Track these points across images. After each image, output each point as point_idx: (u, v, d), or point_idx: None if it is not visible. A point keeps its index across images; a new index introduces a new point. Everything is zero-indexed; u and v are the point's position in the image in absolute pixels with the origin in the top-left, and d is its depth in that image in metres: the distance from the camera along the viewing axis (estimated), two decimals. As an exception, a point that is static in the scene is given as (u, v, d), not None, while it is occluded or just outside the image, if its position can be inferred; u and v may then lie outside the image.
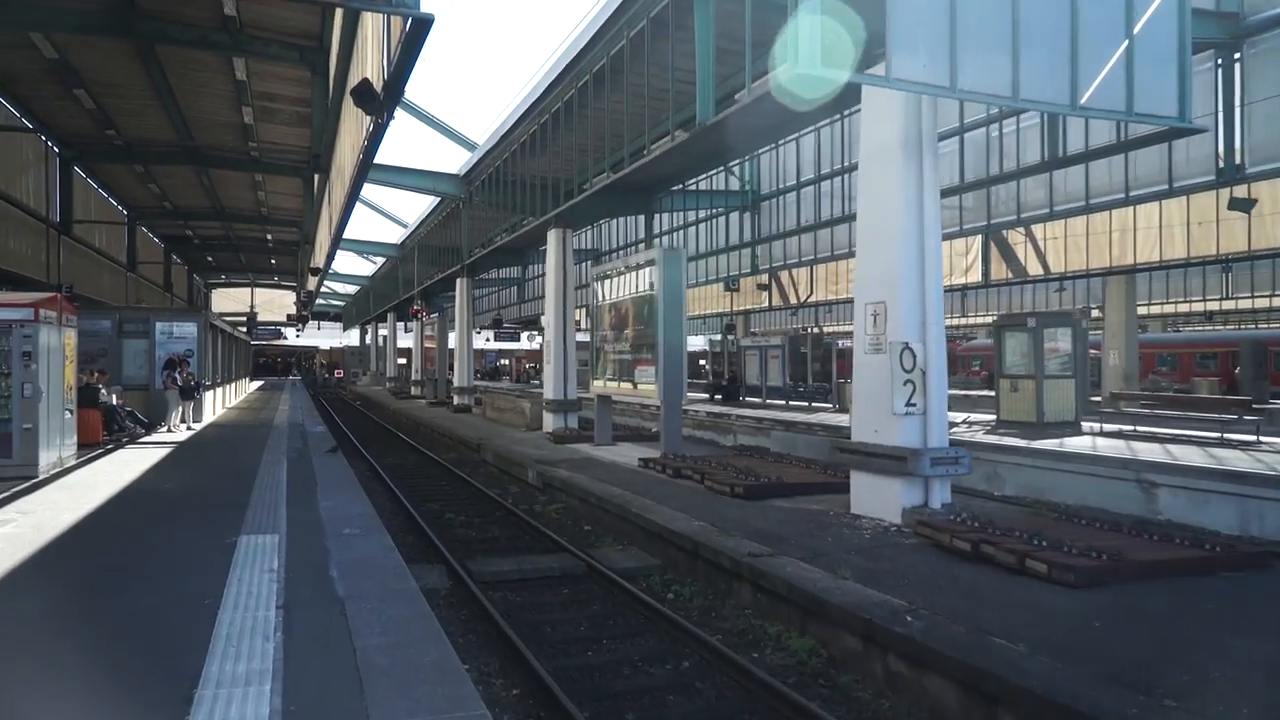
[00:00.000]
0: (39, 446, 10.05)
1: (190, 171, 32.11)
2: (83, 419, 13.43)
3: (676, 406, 15.42)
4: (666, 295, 15.02)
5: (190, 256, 53.89)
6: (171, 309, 28.42)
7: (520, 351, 71.09)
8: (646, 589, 8.94)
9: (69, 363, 11.32)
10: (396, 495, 14.25)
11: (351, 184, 14.26)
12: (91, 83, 22.60)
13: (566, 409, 21.16)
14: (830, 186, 22.26)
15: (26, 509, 8.10)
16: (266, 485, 9.90)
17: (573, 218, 20.99)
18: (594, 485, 12.69)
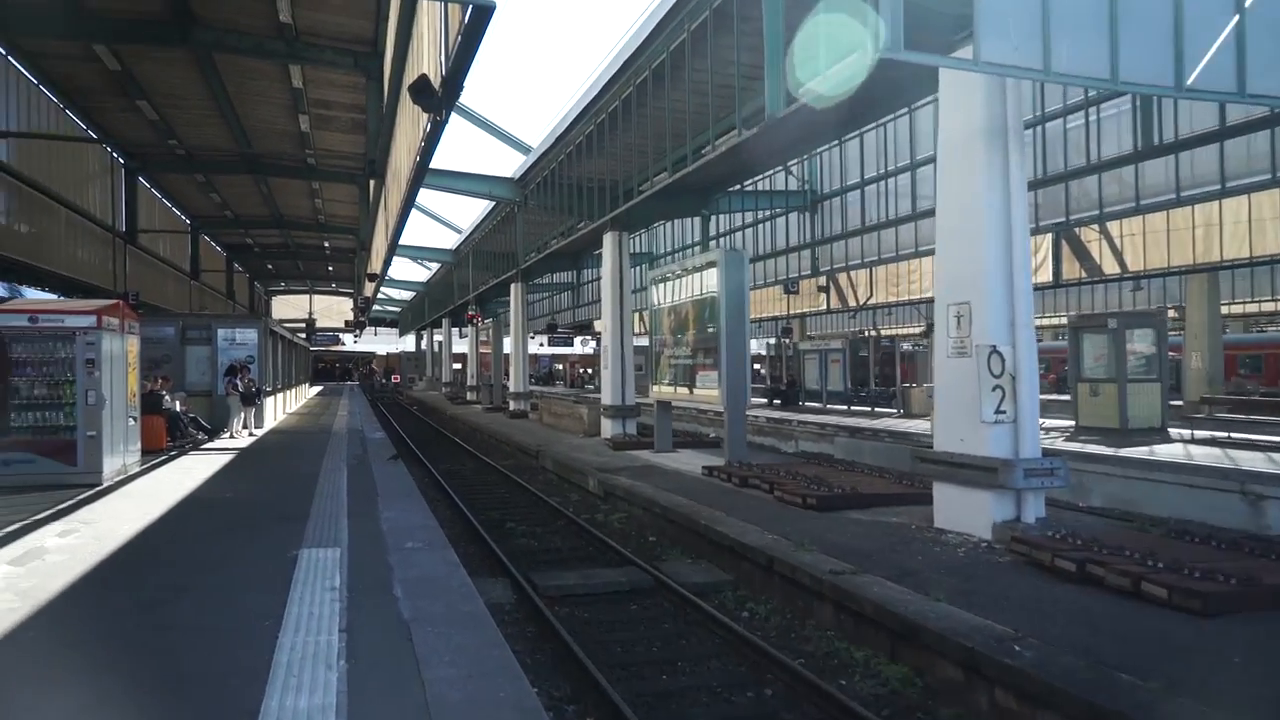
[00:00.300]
0: (103, 454, 9.99)
1: (249, 180, 32.61)
2: (146, 426, 13.44)
3: (740, 413, 14.93)
4: (729, 298, 14.54)
5: (251, 264, 54.98)
6: (233, 315, 28.79)
7: (574, 356, 71.07)
8: (719, 606, 8.49)
9: (132, 370, 11.28)
10: (456, 503, 14.01)
11: (408, 187, 14.08)
12: (153, 93, 22.95)
13: (625, 415, 20.78)
14: (895, 184, 21.58)
15: (89, 518, 7.97)
16: (327, 494, 9.69)
17: (629, 220, 20.64)
18: (658, 495, 12.26)
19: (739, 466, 13.82)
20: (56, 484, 9.65)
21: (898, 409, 26.54)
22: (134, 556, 6.50)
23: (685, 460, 16.35)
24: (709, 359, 15.19)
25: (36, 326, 9.72)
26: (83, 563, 6.13)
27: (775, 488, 11.83)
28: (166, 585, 5.72)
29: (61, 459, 9.76)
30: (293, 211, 38.45)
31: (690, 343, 16.03)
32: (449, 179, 20.87)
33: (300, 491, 9.88)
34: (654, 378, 17.87)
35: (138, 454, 11.76)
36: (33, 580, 5.63)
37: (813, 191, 23.34)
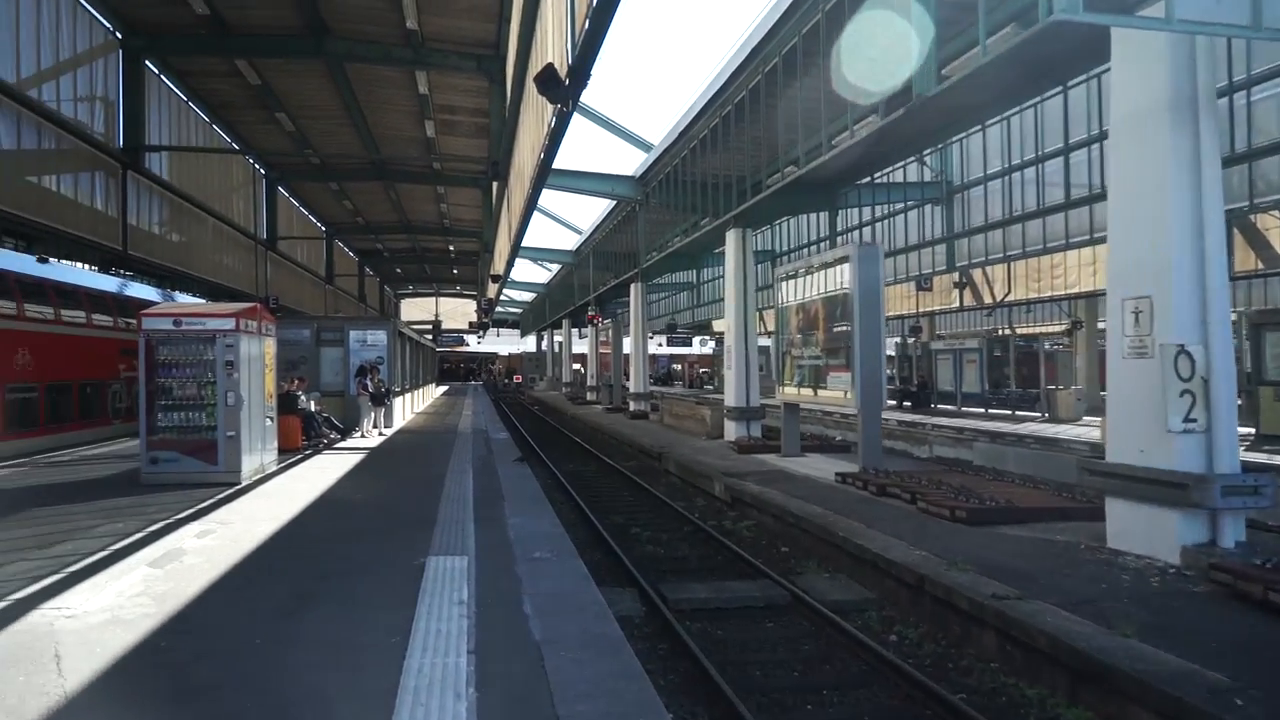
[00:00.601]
0: (241, 454, 10.19)
1: (379, 187, 33.74)
2: (283, 425, 13.79)
3: (876, 416, 14.08)
4: (863, 294, 13.73)
5: (381, 268, 57.21)
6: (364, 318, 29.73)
7: (692, 356, 70.66)
8: (864, 627, 7.83)
9: (269, 371, 11.53)
10: (580, 506, 13.78)
11: (531, 186, 13.94)
12: (290, 105, 23.89)
13: (749, 417, 20.14)
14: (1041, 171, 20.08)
15: (226, 519, 8.04)
16: (454, 498, 9.54)
17: (753, 217, 20.00)
18: (790, 502, 11.62)
19: (875, 473, 13.02)
20: (199, 482, 9.90)
21: (1041, 413, 24.82)
22: (265, 561, 6.42)
23: (815, 465, 15.61)
24: (840, 359, 14.41)
25: (180, 330, 10.01)
26: (216, 567, 6.08)
27: (918, 497, 10.99)
28: (295, 594, 5.56)
29: (203, 458, 10.02)
30: (419, 216, 39.64)
31: (820, 342, 15.27)
32: (571, 179, 20.78)
33: (427, 494, 9.78)
34: (781, 379, 17.18)
35: (274, 453, 12.03)
36: (169, 584, 5.58)
37: (948, 182, 22.03)
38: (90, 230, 17.29)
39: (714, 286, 43.25)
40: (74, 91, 17.18)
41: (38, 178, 15.74)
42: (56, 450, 14.35)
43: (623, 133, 21.05)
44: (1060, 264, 28.01)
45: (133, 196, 19.23)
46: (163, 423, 10.01)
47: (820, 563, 9.97)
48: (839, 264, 14.35)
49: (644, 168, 21.39)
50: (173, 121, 21.98)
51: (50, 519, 7.89)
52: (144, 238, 20.14)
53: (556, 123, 10.24)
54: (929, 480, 12.08)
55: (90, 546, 6.61)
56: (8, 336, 13.73)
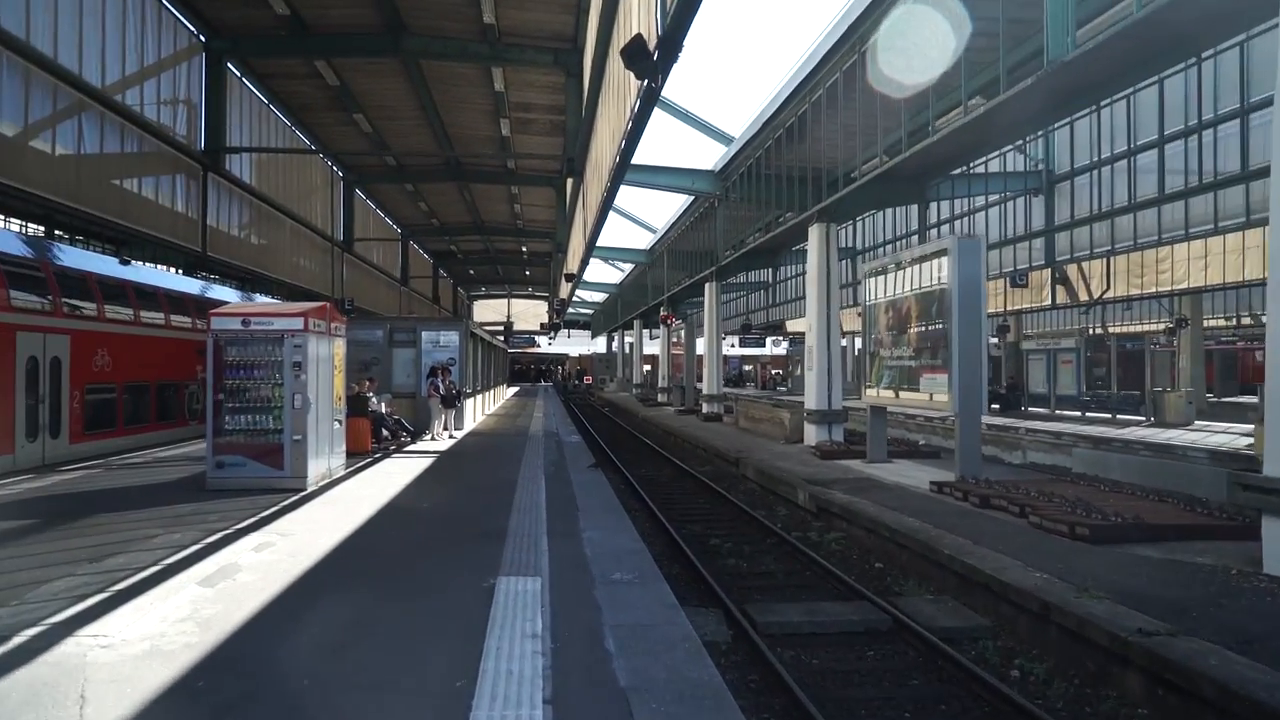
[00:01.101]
0: (308, 459, 9.84)
1: (453, 188, 33.77)
2: (352, 428, 13.50)
3: (975, 420, 13.06)
4: (962, 290, 12.74)
5: (455, 270, 57.72)
6: (436, 318, 29.66)
7: (765, 357, 69.45)
8: (979, 659, 6.99)
9: (338, 372, 11.19)
10: (656, 515, 13.14)
11: (610, 176, 13.36)
12: (367, 106, 23.88)
13: (831, 420, 19.23)
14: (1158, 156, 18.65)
15: (287, 529, 7.63)
16: (525, 507, 8.99)
17: (838, 211, 19.08)
18: (884, 514, 10.75)
19: (975, 483, 12.04)
20: (264, 488, 9.58)
21: (1146, 416, 23.15)
22: (322, 579, 5.92)
23: (904, 473, 14.66)
24: (935, 359, 13.43)
25: (248, 330, 9.71)
26: (271, 586, 5.60)
27: (1028, 510, 10.02)
28: (352, 621, 5.04)
29: (269, 462, 9.69)
30: (493, 217, 39.67)
31: (911, 341, 14.31)
32: (648, 174, 20.17)
33: (498, 503, 9.26)
34: (868, 380, 16.24)
35: (342, 457, 11.69)
36: (218, 606, 5.11)
37: (1049, 171, 20.66)
38: (170, 232, 17.42)
39: (789, 286, 42.23)
40: (157, 95, 17.32)
41: (120, 180, 15.87)
42: (134, 450, 14.36)
43: (702, 125, 20.35)
44: (1167, 258, 26.20)
45: (213, 198, 19.37)
46: (230, 425, 9.72)
47: (921, 582, 9.11)
48: (936, 258, 13.38)
49: (724, 161, 20.61)
50: (253, 124, 22.16)
51: (110, 527, 7.60)
52: (223, 240, 20.30)
53: (641, 104, 9.56)
54: (1038, 491, 11.05)
55: (143, 560, 6.24)
56: (88, 338, 13.76)
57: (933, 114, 13.83)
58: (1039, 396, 28.39)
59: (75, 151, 14.39)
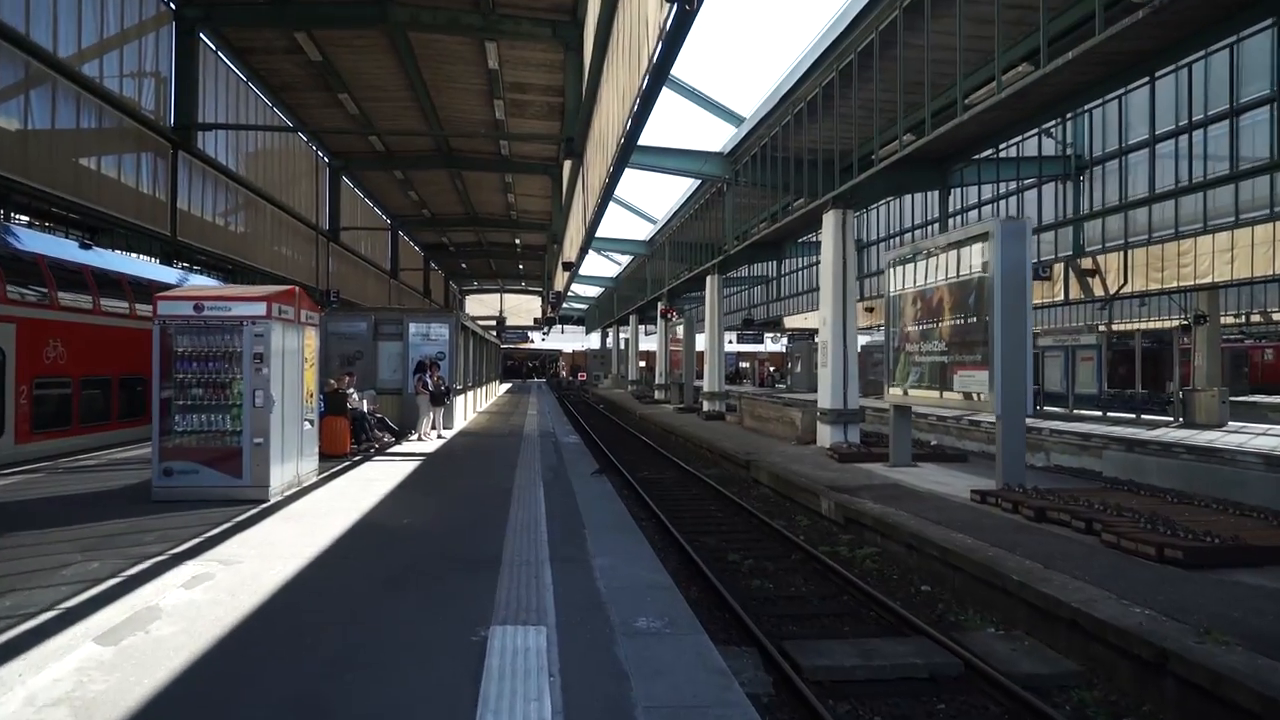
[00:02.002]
0: (271, 465, 8.52)
1: (445, 176, 32.39)
2: (329, 428, 12.21)
3: (1020, 422, 11.82)
4: (1006, 278, 11.51)
5: (446, 263, 56.32)
6: (425, 310, 28.29)
7: (763, 354, 68.23)
8: (1079, 718, 5.74)
9: (310, 366, 9.88)
10: (663, 523, 11.89)
11: (620, 143, 12.01)
12: (354, 85, 22.50)
13: (847, 420, 18.00)
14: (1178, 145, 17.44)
15: (235, 554, 6.30)
16: (522, 524, 7.70)
17: (855, 197, 17.82)
18: (928, 528, 9.50)
19: (1023, 492, 10.81)
20: (220, 499, 8.28)
21: (1174, 416, 22.00)
22: (262, 633, 4.58)
23: (934, 478, 13.43)
24: (973, 354, 12.19)
25: (201, 316, 8.38)
26: (192, 645, 4.27)
27: (1098, 526, 8.78)
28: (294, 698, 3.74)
29: (225, 469, 8.38)
30: (486, 208, 38.31)
31: (944, 335, 13.06)
32: (654, 156, 18.81)
33: (490, 518, 7.97)
34: (891, 378, 14.99)
35: (314, 461, 10.37)
36: (111, 679, 3.78)
37: (1077, 156, 19.42)
38: (135, 214, 16.06)
39: (790, 280, 41.04)
40: (120, 66, 15.95)
41: (76, 156, 14.51)
42: (92, 451, 13.02)
43: (711, 104, 18.95)
44: (1190, 250, 25.08)
45: (184, 180, 18.03)
46: (180, 426, 8.39)
47: (983, 612, 7.86)
48: (974, 243, 12.14)
49: (734, 142, 19.28)
50: (230, 103, 20.78)
51: (18, 551, 6.25)
52: (196, 225, 18.94)
53: (667, 40, 8.14)
54: (1102, 504, 9.80)
55: (39, 601, 4.91)
56: (37, 327, 12.40)
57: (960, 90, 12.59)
58: (1055, 395, 27.23)
59: (23, 124, 13.03)
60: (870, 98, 14.75)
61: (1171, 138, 17.84)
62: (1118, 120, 19.08)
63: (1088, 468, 18.10)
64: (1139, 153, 18.65)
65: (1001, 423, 11.70)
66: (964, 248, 12.57)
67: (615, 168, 12.61)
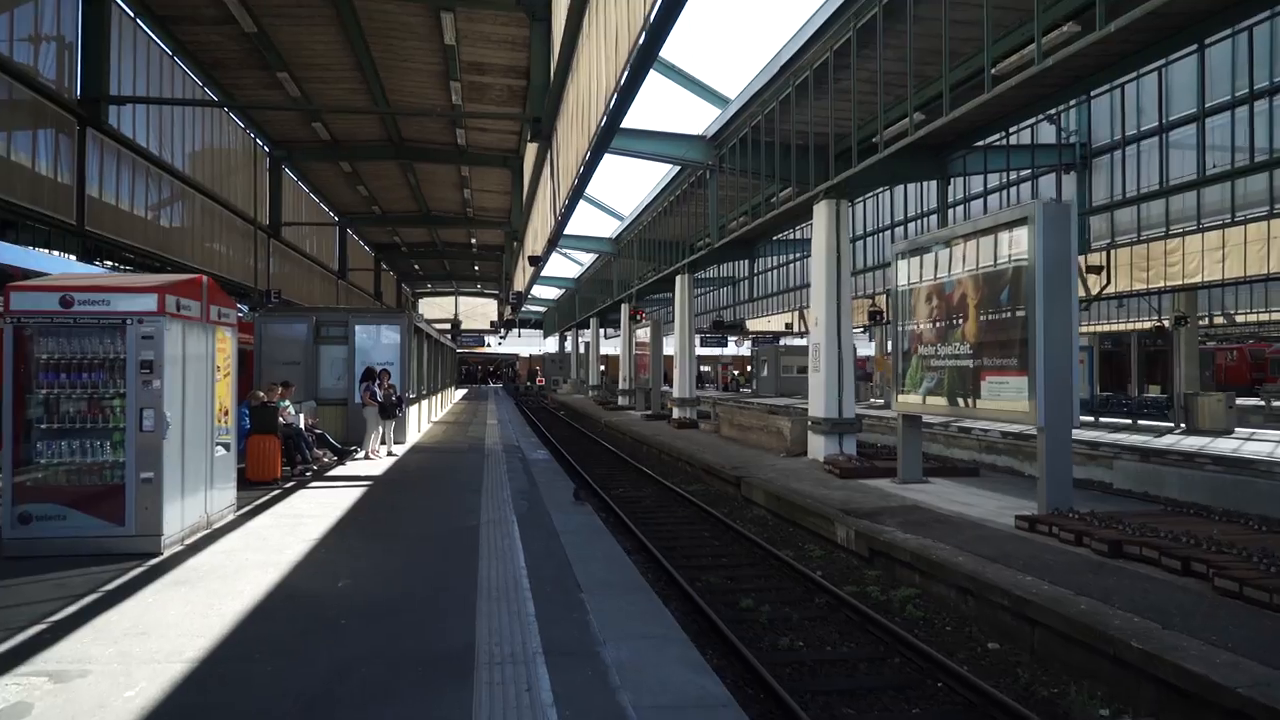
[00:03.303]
0: (164, 506, 6.54)
1: (396, 169, 30.23)
2: (256, 449, 10.23)
3: (1066, 435, 10.27)
4: (1049, 269, 9.99)
5: (398, 265, 53.88)
6: (372, 310, 26.10)
7: (726, 358, 66.81)
8: None
9: (223, 376, 7.90)
10: (653, 553, 10.13)
11: (608, 109, 10.18)
12: (294, 64, 20.33)
13: (842, 430, 16.41)
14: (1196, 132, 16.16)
15: (80, 658, 4.32)
16: (498, 586, 5.86)
17: (850, 186, 16.23)
18: (986, 569, 7.87)
19: (1080, 519, 9.26)
20: (96, 551, 6.30)
21: (1175, 422, 20.87)
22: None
23: (956, 498, 11.89)
24: (1008, 357, 10.63)
25: (70, 312, 6.41)
26: None
27: (1200, 567, 7.21)
28: None
29: (104, 513, 6.39)
30: (441, 205, 36.17)
31: (969, 336, 11.50)
32: (629, 139, 16.96)
33: (454, 576, 6.11)
34: (899, 383, 13.42)
35: (232, 493, 8.37)
36: None
37: (1081, 144, 18.11)
38: (30, 198, 13.82)
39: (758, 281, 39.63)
40: (11, 26, 13.69)
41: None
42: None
43: (694, 84, 17.08)
44: (1177, 249, 24.07)
45: (94, 161, 15.78)
46: (44, 457, 6.39)
47: (1087, 685, 6.21)
48: (1009, 229, 10.59)
49: (718, 125, 17.57)
50: (154, 81, 18.50)
51: None
52: (111, 215, 16.67)
53: None
54: (1188, 535, 8.24)
55: None
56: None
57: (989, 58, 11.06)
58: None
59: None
60: (873, 73, 13.15)
61: (1188, 124, 16.59)
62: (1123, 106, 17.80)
63: (1096, 479, 16.80)
64: (1150, 140, 17.36)
65: (1045, 436, 10.15)
66: (995, 234, 11.03)
67: (601, 134, 10.74)
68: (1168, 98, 17.51)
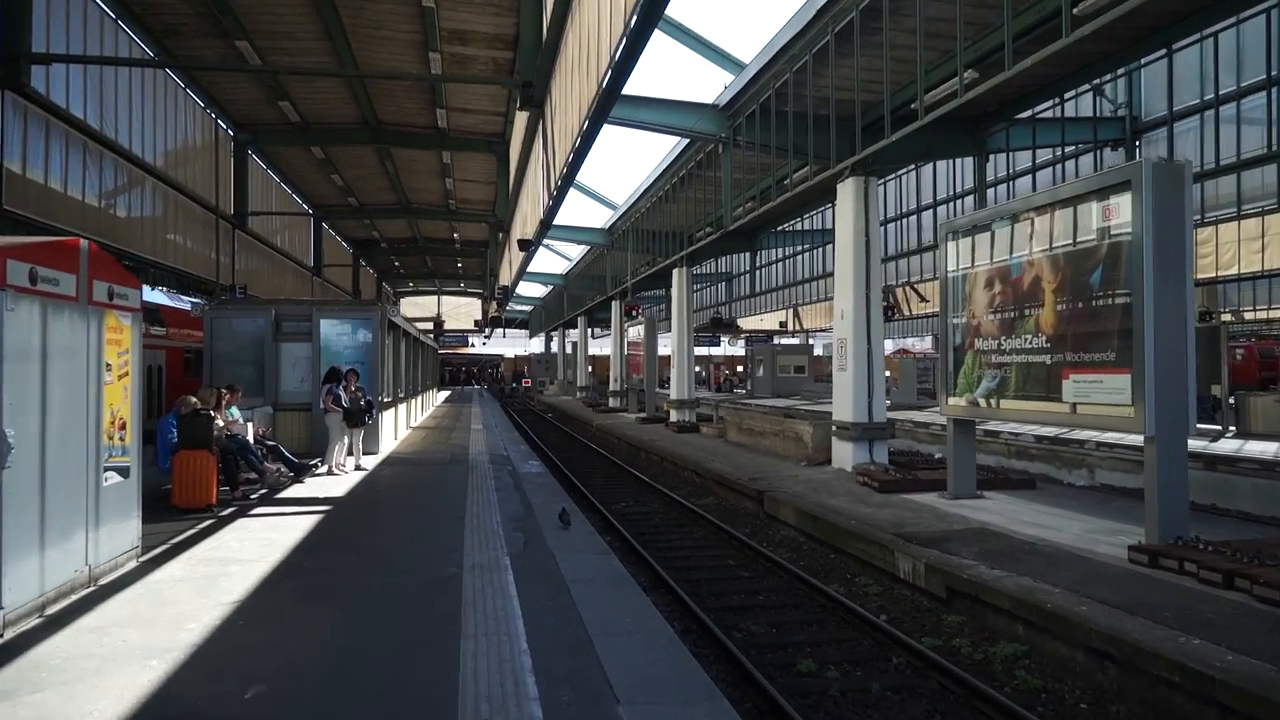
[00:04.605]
0: (4, 563, 4.55)
1: (373, 156, 28.13)
2: (184, 469, 8.24)
3: (1181, 446, 8.43)
4: (1160, 243, 8.17)
5: (378, 262, 51.75)
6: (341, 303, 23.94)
7: (718, 357, 64.94)
8: None
9: (118, 377, 5.91)
10: (669, 586, 8.22)
11: (623, 43, 8.25)
12: (255, 30, 18.21)
13: (873, 436, 14.59)
14: None
15: None
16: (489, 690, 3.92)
17: (876, 162, 14.39)
18: (1124, 624, 6.04)
19: (1211, 550, 7.43)
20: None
21: (1223, 425, 19.12)
22: None
23: (1028, 518, 10.09)
24: (1100, 351, 8.79)
25: None
26: None
27: None
28: None
29: (-90, 578, 4.44)
30: (421, 196, 34.11)
31: (1045, 326, 9.66)
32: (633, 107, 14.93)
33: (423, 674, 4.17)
34: (949, 384, 11.58)
35: (131, 534, 6.33)
36: None
37: (1134, 118, 16.34)
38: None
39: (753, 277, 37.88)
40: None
41: None
42: None
43: (706, 46, 15.05)
44: (1209, 240, 22.47)
45: (14, 129, 13.71)
46: None
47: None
48: (1104, 196, 8.75)
49: (732, 93, 15.62)
50: (93, 46, 16.42)
51: None
52: (37, 192, 14.58)
53: None
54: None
55: None
56: None
57: None
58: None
59: None
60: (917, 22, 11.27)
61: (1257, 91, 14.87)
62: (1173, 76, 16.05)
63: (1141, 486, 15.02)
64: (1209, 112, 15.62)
65: (1155, 448, 8.29)
66: (1077, 205, 9.20)
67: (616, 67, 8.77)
68: (1239, 62, 15.79)
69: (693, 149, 19.28)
